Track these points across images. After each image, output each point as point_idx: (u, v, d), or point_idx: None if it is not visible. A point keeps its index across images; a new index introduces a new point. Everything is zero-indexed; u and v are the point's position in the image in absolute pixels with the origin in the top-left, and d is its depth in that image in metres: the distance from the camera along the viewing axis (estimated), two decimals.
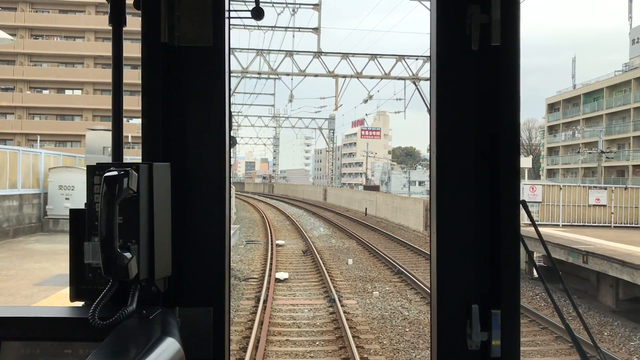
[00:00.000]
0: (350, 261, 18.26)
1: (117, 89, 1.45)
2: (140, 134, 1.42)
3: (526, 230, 1.96)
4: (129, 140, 38.84)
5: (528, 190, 21.64)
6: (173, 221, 1.38)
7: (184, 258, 1.44)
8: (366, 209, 39.46)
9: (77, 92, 58.51)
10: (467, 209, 1.42)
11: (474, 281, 1.41)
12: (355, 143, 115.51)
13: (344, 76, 27.19)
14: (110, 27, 1.46)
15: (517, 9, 1.37)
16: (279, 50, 26.94)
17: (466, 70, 1.41)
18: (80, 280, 1.35)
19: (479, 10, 1.37)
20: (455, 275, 1.42)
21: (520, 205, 1.39)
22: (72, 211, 1.38)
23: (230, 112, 1.51)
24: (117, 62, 1.45)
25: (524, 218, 1.49)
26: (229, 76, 1.49)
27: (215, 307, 1.45)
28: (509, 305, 1.37)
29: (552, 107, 69.21)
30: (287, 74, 27.68)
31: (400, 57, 26.36)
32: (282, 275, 15.26)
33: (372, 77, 27.32)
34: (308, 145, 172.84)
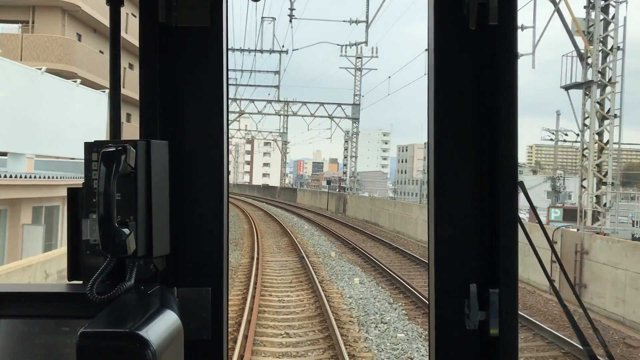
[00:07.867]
0: None
1: (115, 68, 1.43)
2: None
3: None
4: None
5: None
6: (171, 200, 1.39)
7: (182, 237, 1.44)
8: None
9: None
10: (465, 189, 1.43)
11: (472, 261, 1.42)
12: None
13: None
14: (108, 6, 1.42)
15: None
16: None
17: (464, 49, 1.43)
18: (78, 259, 1.37)
19: None
20: (453, 256, 1.43)
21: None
22: (69, 190, 1.40)
23: (227, 91, 1.52)
24: (115, 42, 1.44)
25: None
26: (227, 56, 1.51)
27: (214, 287, 1.45)
28: (507, 284, 1.37)
29: None
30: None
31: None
32: None
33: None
34: (386, 143, 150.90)
